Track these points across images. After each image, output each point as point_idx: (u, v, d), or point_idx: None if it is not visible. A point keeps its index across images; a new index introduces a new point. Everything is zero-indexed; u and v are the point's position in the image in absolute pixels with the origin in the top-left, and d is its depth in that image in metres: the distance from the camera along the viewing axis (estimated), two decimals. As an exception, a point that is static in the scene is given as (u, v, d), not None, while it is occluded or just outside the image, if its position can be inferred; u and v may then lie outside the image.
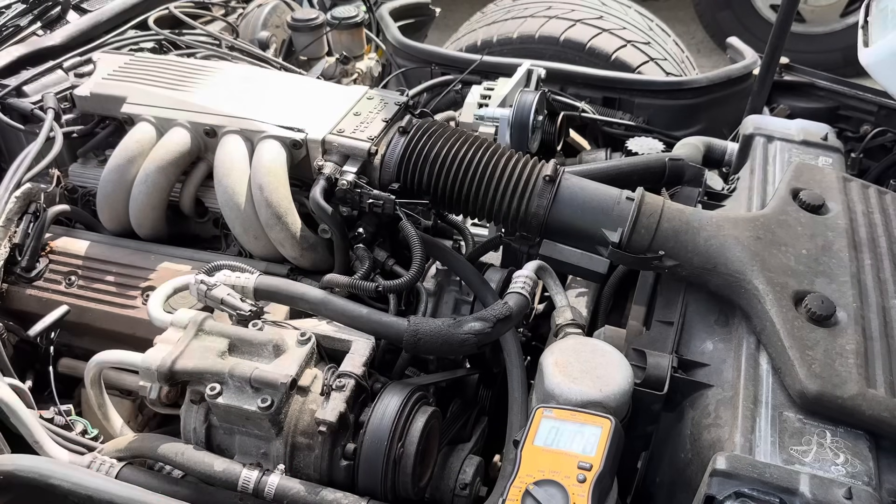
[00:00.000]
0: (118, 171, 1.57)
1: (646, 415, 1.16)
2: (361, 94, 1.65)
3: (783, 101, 2.16)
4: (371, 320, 1.30)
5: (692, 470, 1.09)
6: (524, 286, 1.32)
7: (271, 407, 1.15)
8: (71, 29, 2.01)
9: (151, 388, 1.23)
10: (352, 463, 1.20)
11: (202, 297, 1.30)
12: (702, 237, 1.27)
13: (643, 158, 1.73)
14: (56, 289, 1.56)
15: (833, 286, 1.18)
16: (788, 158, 1.55)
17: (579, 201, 1.40)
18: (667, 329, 1.25)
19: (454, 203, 1.47)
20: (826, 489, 0.91)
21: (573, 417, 1.05)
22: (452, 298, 1.53)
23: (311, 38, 2.18)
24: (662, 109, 2.26)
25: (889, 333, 1.13)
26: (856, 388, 1.03)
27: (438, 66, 2.37)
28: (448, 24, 3.68)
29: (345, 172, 1.45)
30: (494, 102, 1.85)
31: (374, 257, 1.46)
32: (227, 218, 1.52)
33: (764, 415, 1.05)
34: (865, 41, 2.01)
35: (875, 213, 1.36)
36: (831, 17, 4.64)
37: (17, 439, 1.27)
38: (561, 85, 2.24)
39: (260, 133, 1.51)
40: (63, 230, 1.66)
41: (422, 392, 1.28)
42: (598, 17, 2.68)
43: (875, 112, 2.05)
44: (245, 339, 1.23)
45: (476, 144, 1.46)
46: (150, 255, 1.58)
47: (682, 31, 4.57)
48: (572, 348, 1.18)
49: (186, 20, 2.25)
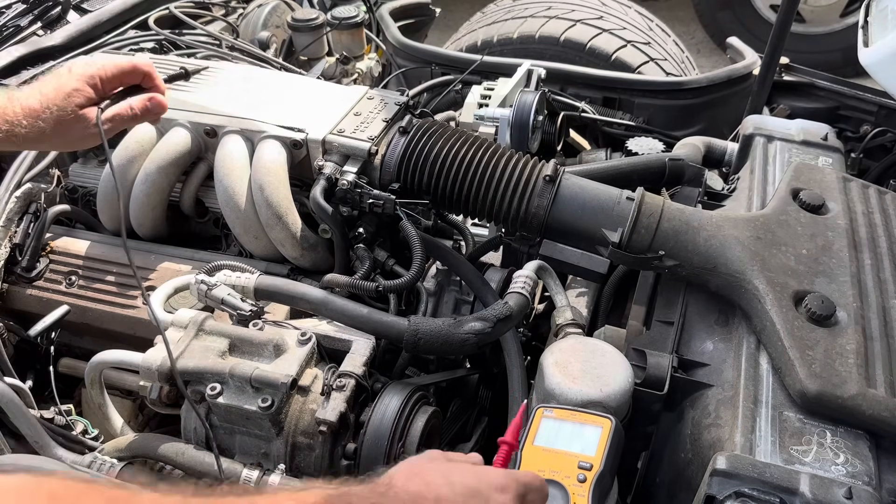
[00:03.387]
0: (118, 171, 1.57)
1: (646, 414, 1.16)
2: (362, 94, 1.65)
3: (783, 101, 2.16)
4: (371, 320, 1.31)
5: (692, 470, 1.09)
6: (524, 286, 1.33)
7: (272, 407, 1.15)
8: (71, 29, 2.01)
9: (152, 388, 1.23)
10: (352, 463, 1.20)
11: (203, 297, 1.31)
12: (702, 237, 1.27)
13: (643, 158, 1.73)
14: (56, 289, 1.56)
15: (833, 286, 1.19)
16: (788, 158, 1.55)
17: (579, 201, 1.40)
18: (667, 329, 1.25)
19: (454, 203, 1.47)
20: (826, 489, 0.91)
21: (573, 417, 1.05)
22: (452, 298, 1.53)
23: (311, 38, 2.18)
24: (662, 109, 2.26)
25: (889, 333, 1.13)
26: (856, 387, 1.03)
27: (438, 66, 2.37)
28: (448, 24, 3.68)
29: (345, 172, 1.46)
30: (494, 102, 1.85)
31: (375, 257, 1.46)
32: (228, 218, 1.52)
33: (764, 415, 1.05)
34: (865, 41, 2.02)
35: (875, 213, 1.36)
36: (831, 17, 4.64)
37: (17, 439, 1.27)
38: (561, 85, 2.24)
39: (260, 133, 1.51)
40: (63, 230, 1.66)
41: (422, 392, 1.29)
42: (599, 18, 2.68)
43: (875, 112, 2.05)
44: (245, 339, 1.23)
45: (476, 144, 1.47)
46: (151, 255, 1.58)
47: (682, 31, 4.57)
48: (572, 348, 1.18)
49: (187, 20, 2.25)
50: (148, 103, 1.26)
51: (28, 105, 1.14)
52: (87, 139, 1.21)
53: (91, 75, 1.19)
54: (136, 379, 1.26)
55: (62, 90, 1.16)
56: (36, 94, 1.15)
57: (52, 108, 1.15)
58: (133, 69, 1.24)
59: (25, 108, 1.14)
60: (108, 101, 1.21)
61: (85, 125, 1.18)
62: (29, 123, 1.13)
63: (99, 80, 1.20)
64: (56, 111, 1.15)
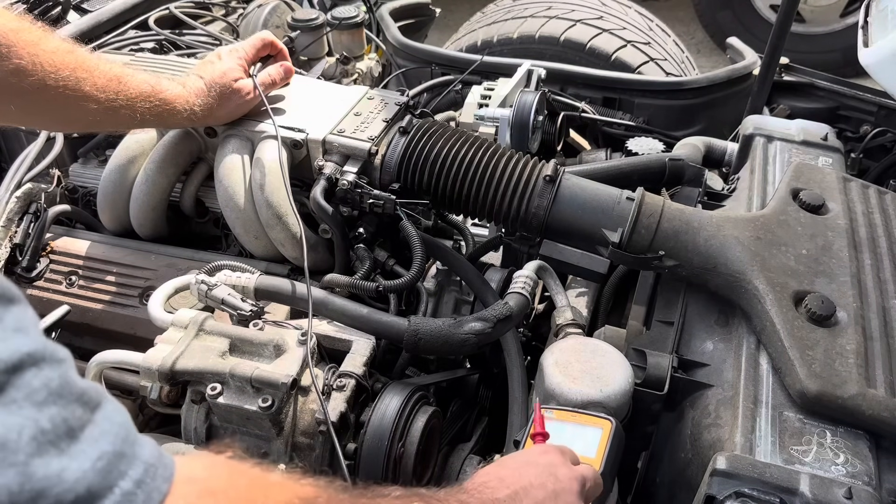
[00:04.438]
0: (119, 171, 1.57)
1: (646, 415, 1.16)
2: (362, 94, 1.65)
3: (783, 101, 2.16)
4: (372, 320, 1.31)
5: (692, 470, 1.09)
6: (524, 286, 1.33)
7: (272, 407, 1.15)
8: (71, 29, 2.01)
9: (152, 388, 1.23)
10: (352, 462, 1.20)
11: (203, 297, 1.31)
12: (702, 237, 1.27)
13: (643, 158, 1.73)
14: (57, 289, 1.56)
15: (833, 286, 1.19)
16: (788, 158, 1.56)
17: (579, 201, 1.40)
18: (667, 329, 1.25)
19: (454, 203, 1.47)
20: (826, 489, 0.91)
21: (574, 419, 1.05)
22: (453, 298, 1.54)
23: (311, 39, 2.17)
24: (662, 109, 2.26)
25: (889, 333, 1.13)
26: (856, 388, 1.03)
27: (439, 66, 2.37)
28: (448, 24, 3.68)
29: (345, 172, 1.46)
30: (494, 102, 1.84)
31: (375, 257, 1.46)
32: (228, 218, 1.52)
33: (764, 415, 1.05)
34: (865, 41, 2.02)
35: (875, 213, 1.36)
36: (831, 17, 4.64)
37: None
38: (561, 85, 2.24)
39: (260, 133, 1.51)
40: (64, 230, 1.66)
41: (422, 392, 1.29)
42: (599, 18, 2.68)
43: (875, 112, 2.05)
44: (246, 339, 1.23)
45: (476, 144, 1.47)
46: (151, 255, 1.58)
47: (682, 31, 4.58)
48: (572, 348, 1.19)
49: (187, 20, 2.25)
50: (281, 70, 1.58)
51: (197, 87, 1.42)
52: (242, 107, 1.50)
53: (238, 56, 1.49)
54: (137, 379, 1.26)
55: (218, 71, 1.45)
56: (199, 80, 1.43)
57: (216, 87, 1.43)
58: (265, 44, 1.56)
59: (196, 90, 1.42)
60: (257, 70, 1.53)
61: (240, 95, 1.47)
62: (202, 102, 1.42)
63: (244, 59, 1.50)
64: (219, 88, 1.44)
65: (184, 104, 1.40)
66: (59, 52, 1.24)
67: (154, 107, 1.36)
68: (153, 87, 1.36)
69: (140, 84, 1.35)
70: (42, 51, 1.21)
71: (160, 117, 1.38)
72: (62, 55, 1.24)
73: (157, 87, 1.37)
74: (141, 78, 1.37)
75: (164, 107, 1.37)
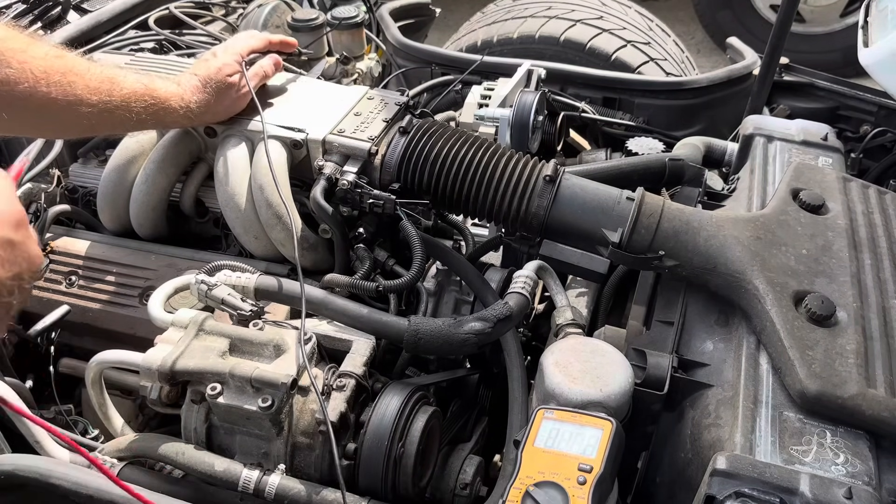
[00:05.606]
0: (118, 171, 1.57)
1: (646, 415, 1.16)
2: (362, 94, 1.65)
3: (783, 101, 2.16)
4: (371, 320, 1.31)
5: (692, 470, 1.09)
6: (524, 286, 1.33)
7: (272, 407, 1.15)
8: (71, 29, 2.01)
9: (152, 388, 1.23)
10: (352, 462, 1.20)
11: (203, 297, 1.31)
12: (702, 237, 1.27)
13: (643, 158, 1.73)
14: (56, 289, 1.56)
15: (833, 286, 1.19)
16: (788, 158, 1.56)
17: (579, 201, 1.40)
18: (667, 329, 1.25)
19: (454, 203, 1.47)
20: (826, 489, 0.91)
21: (574, 419, 1.05)
22: (453, 298, 1.53)
23: (311, 39, 2.17)
24: (662, 109, 2.26)
25: (889, 333, 1.13)
26: (856, 388, 1.03)
27: (439, 66, 2.37)
28: (448, 24, 3.69)
29: (345, 172, 1.46)
30: (494, 102, 1.84)
31: (375, 257, 1.46)
32: (228, 218, 1.52)
33: (764, 415, 1.05)
34: (865, 41, 2.02)
35: (875, 213, 1.36)
36: (831, 17, 4.64)
37: (17, 439, 1.27)
38: (561, 85, 2.24)
39: (260, 133, 1.51)
40: (63, 230, 1.66)
41: (422, 392, 1.29)
42: (599, 18, 2.68)
43: (875, 112, 2.05)
44: (246, 339, 1.23)
45: (476, 144, 1.47)
46: (151, 255, 1.58)
47: (682, 31, 4.58)
48: (572, 348, 1.18)
49: (187, 20, 2.25)
50: (272, 63, 1.61)
51: (192, 84, 1.44)
52: (239, 101, 1.51)
53: (233, 53, 1.51)
54: (137, 379, 1.26)
55: (213, 67, 1.47)
56: (194, 77, 1.45)
57: (212, 83, 1.45)
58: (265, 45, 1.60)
59: (192, 87, 1.43)
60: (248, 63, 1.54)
61: (236, 90, 1.49)
62: (198, 99, 1.43)
63: (239, 56, 1.52)
64: (215, 84, 1.45)
65: (179, 101, 1.40)
66: (49, 57, 1.24)
67: (149, 105, 1.35)
68: (146, 87, 1.36)
69: (133, 84, 1.35)
70: (31, 57, 1.21)
71: (157, 116, 1.38)
72: (51, 60, 1.24)
73: (151, 86, 1.37)
74: (133, 78, 1.36)
75: (160, 105, 1.37)
